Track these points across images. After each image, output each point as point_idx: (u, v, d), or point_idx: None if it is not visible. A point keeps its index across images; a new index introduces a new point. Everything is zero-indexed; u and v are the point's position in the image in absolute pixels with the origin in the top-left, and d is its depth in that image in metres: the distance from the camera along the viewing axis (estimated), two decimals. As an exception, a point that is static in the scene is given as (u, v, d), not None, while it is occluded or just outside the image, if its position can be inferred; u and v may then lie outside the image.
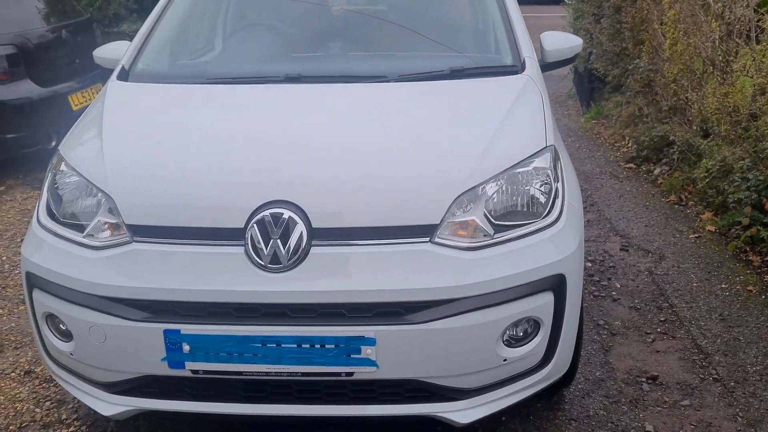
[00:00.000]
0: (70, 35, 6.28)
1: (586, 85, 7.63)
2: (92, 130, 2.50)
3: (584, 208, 4.81)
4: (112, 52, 3.16)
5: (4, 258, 4.23)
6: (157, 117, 2.57)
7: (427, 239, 2.09)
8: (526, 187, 2.24)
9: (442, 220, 2.10)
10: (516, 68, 2.76)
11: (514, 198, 2.21)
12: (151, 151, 2.34)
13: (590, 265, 3.89)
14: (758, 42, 4.26)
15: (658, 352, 3.03)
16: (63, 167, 2.39)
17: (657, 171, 5.39)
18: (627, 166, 5.68)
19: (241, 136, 2.35)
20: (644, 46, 6.02)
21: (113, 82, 2.81)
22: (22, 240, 4.50)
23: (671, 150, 5.30)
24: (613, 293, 3.56)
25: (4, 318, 3.52)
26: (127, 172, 2.26)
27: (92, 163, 2.32)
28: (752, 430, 2.53)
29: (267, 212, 2.08)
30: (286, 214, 2.07)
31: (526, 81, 2.66)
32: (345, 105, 2.54)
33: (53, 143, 5.86)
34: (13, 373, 3.02)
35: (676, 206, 4.70)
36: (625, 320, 3.29)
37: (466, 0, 3.38)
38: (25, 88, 5.59)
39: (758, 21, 4.26)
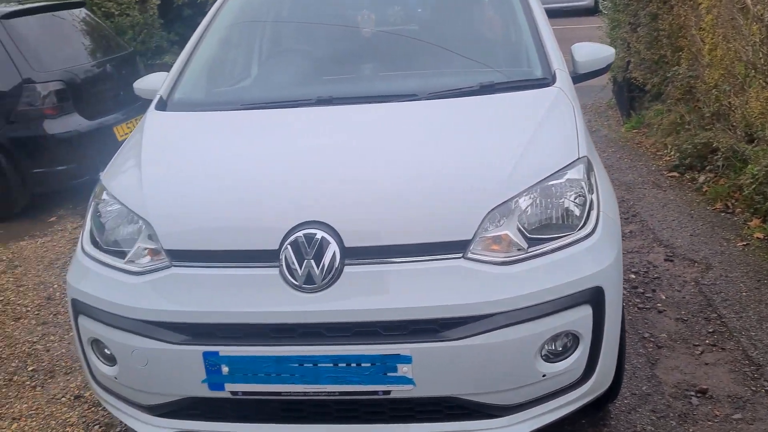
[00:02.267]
0: (115, 69, 6.52)
1: (626, 95, 7.53)
2: (131, 160, 2.59)
3: (626, 219, 4.75)
4: (151, 83, 3.26)
5: (55, 286, 4.37)
6: (192, 144, 2.64)
7: (460, 255, 2.08)
8: (560, 200, 2.21)
9: (474, 235, 2.09)
10: (547, 81, 2.75)
11: (548, 211, 2.19)
12: (188, 178, 2.40)
13: (634, 276, 3.81)
14: (800, 43, 4.15)
15: (707, 364, 2.94)
16: (105, 196, 2.47)
17: (701, 179, 5.27)
18: (670, 174, 5.56)
19: (274, 159, 2.39)
20: (683, 52, 5.92)
21: (152, 112, 2.90)
22: (72, 268, 4.67)
23: (715, 157, 5.18)
24: (659, 305, 3.48)
25: (56, 344, 3.63)
26: (165, 198, 2.32)
27: (132, 192, 2.39)
28: (809, 444, 2.44)
29: (300, 233, 2.10)
30: (319, 234, 2.09)
31: (557, 93, 2.64)
32: (375, 125, 2.56)
33: (101, 174, 6.06)
34: (63, 398, 3.11)
35: (723, 214, 4.57)
36: (672, 332, 3.21)
37: (495, 15, 3.38)
38: (73, 122, 5.81)
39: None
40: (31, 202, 5.83)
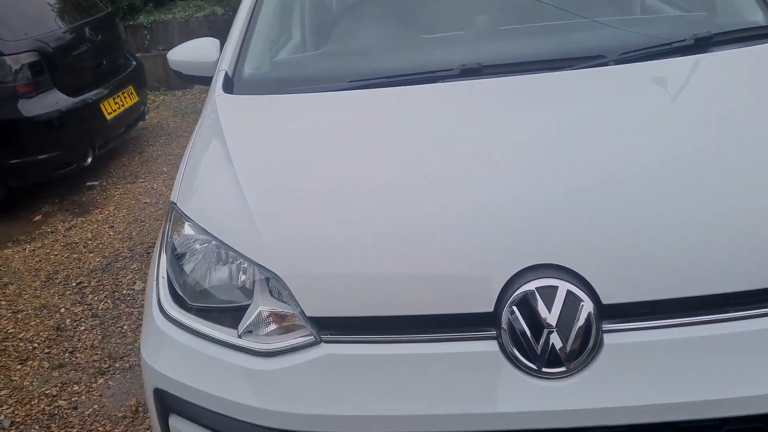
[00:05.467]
0: (93, 34, 5.51)
1: None
2: (220, 174, 1.76)
3: None
4: (196, 53, 2.42)
5: (63, 311, 3.53)
6: (311, 147, 1.79)
7: None
8: None
9: None
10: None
11: None
12: (327, 202, 1.58)
13: None
14: None
15: None
16: (188, 230, 1.66)
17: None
18: None
19: (454, 167, 1.59)
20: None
21: (222, 98, 2.06)
22: (78, 284, 3.82)
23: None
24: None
25: (83, 397, 2.83)
26: (298, 236, 1.52)
27: (236, 224, 1.59)
28: None
29: (529, 285, 1.35)
30: (562, 285, 1.35)
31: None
32: (574, 106, 1.77)
33: (89, 160, 5.15)
34: (115, 484, 2.34)
35: None
36: None
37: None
38: (53, 100, 4.85)
39: None
40: (7, 198, 4.90)
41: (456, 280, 1.40)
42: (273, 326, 1.50)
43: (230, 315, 1.55)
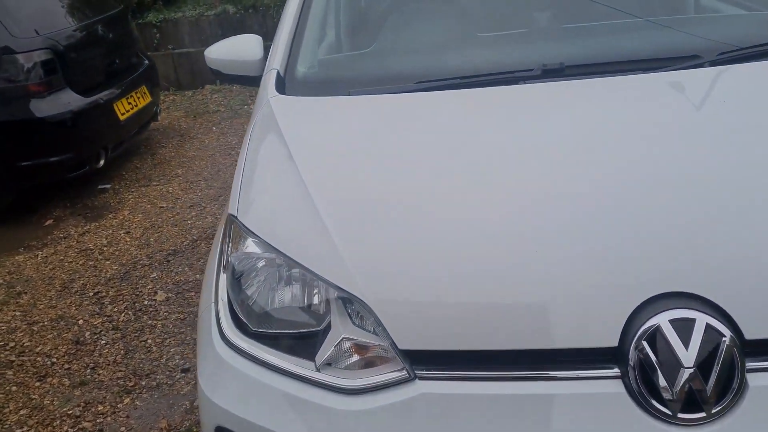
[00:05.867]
0: (105, 32, 5.33)
1: None
2: (284, 183, 1.57)
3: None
4: (238, 51, 2.24)
5: (81, 322, 3.34)
6: (389, 154, 1.60)
7: None
8: None
9: None
10: None
11: None
12: (418, 220, 1.39)
13: None
14: None
15: None
16: (252, 247, 1.48)
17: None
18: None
19: (570, 183, 1.40)
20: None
21: (277, 98, 1.87)
22: (95, 293, 3.63)
23: None
24: None
25: (109, 419, 2.64)
26: (384, 256, 1.34)
27: (309, 241, 1.40)
28: None
29: (660, 317, 1.18)
30: (700, 318, 1.17)
31: None
32: (693, 111, 1.59)
33: (102, 162, 4.97)
34: None
35: None
36: None
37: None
38: (66, 100, 4.66)
39: None
40: (16, 201, 4.71)
41: (572, 310, 1.22)
42: (354, 358, 1.32)
43: (299, 343, 1.37)
